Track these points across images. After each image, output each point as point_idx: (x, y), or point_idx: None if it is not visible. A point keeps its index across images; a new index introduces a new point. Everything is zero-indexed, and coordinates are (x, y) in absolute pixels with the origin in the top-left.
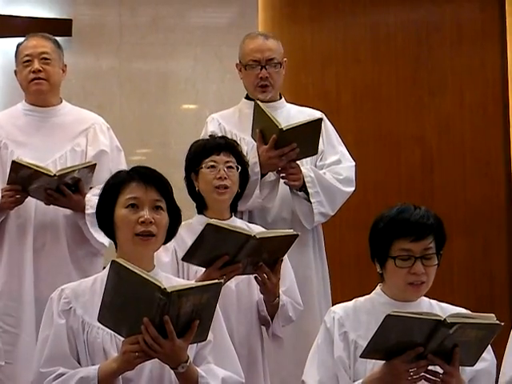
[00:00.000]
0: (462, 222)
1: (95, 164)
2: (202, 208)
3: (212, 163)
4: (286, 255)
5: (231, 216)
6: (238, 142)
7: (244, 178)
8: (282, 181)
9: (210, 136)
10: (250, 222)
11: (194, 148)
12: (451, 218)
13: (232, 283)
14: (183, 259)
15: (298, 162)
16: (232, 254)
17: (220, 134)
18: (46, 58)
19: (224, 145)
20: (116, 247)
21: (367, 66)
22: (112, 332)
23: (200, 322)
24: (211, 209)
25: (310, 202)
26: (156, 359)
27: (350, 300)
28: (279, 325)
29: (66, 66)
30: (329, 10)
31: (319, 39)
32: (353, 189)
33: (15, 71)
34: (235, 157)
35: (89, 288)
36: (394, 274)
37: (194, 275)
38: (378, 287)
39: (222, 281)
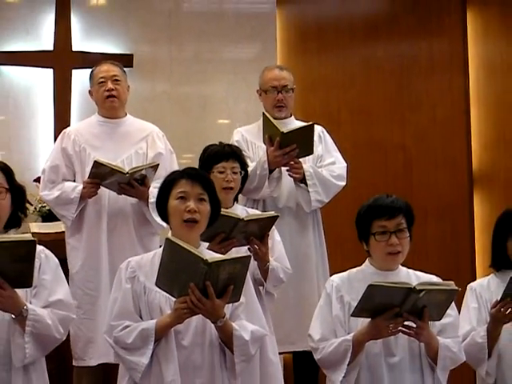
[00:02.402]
0: (435, 211)
1: (158, 164)
2: None
3: (222, 169)
4: (290, 236)
5: (233, 205)
6: (256, 149)
7: (243, 177)
8: (289, 178)
9: (219, 143)
10: (263, 210)
11: (207, 153)
12: (426, 207)
13: None
14: None
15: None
16: (227, 232)
17: (242, 143)
18: (116, 80)
19: (231, 153)
20: (171, 229)
21: (361, 90)
22: (166, 294)
23: (234, 286)
24: None
25: (309, 192)
26: (200, 315)
27: (345, 271)
28: (271, 284)
29: (129, 86)
30: (331, 46)
31: (324, 68)
32: (344, 183)
33: (89, 91)
34: (239, 163)
35: (149, 261)
36: (375, 247)
37: None
38: (366, 261)
39: (252, 254)
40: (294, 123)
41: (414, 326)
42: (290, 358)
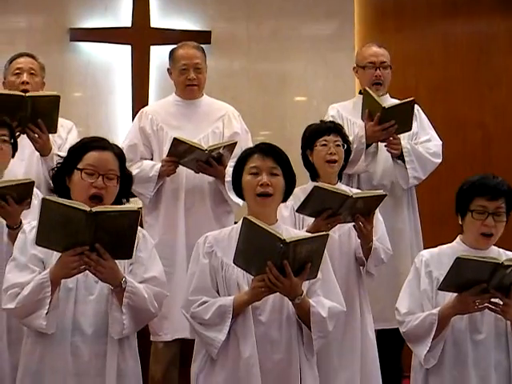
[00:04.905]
0: None
1: (236, 142)
2: (314, 177)
3: (324, 142)
4: (385, 213)
5: (337, 182)
6: (351, 125)
7: (347, 153)
8: (384, 156)
9: (320, 121)
10: (358, 187)
11: (309, 130)
12: None
13: (336, 234)
14: (297, 211)
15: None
16: (335, 208)
17: (338, 119)
18: (198, 68)
19: (333, 127)
20: (248, 206)
21: (439, 67)
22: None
23: (311, 264)
24: (322, 177)
25: (407, 168)
26: (278, 293)
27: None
28: (372, 264)
29: (207, 66)
30: (409, 23)
31: (401, 46)
32: (439, 160)
33: (168, 70)
34: (341, 137)
35: (227, 236)
36: (470, 224)
37: (307, 225)
38: (458, 237)
39: (329, 233)
40: (390, 101)
41: (501, 303)
42: None
